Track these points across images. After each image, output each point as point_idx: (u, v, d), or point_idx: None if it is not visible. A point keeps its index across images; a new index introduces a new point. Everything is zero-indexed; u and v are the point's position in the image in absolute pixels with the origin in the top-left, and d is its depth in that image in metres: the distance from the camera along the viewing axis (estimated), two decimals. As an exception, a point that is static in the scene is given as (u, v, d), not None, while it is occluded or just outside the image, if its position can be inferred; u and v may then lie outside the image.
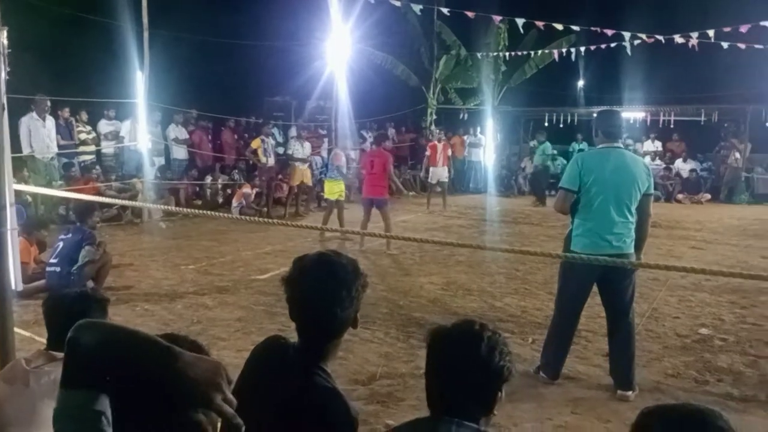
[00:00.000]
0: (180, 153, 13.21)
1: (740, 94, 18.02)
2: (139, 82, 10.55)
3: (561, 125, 19.37)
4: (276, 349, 1.66)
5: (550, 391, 4.07)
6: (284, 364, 1.57)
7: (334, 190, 10.06)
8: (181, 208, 9.12)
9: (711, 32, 12.64)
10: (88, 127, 12.17)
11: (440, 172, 13.65)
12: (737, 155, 16.64)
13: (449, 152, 15.06)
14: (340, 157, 10.37)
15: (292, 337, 1.73)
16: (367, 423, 3.46)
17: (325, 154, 15.64)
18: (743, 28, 12.21)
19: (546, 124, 19.61)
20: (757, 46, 12.83)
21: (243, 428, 0.96)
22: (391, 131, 19.42)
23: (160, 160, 12.56)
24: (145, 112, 10.79)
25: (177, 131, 13.12)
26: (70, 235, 6.22)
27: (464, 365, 1.50)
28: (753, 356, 4.78)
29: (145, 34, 10.43)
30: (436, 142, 14.01)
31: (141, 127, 10.97)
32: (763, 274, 6.27)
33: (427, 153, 14.10)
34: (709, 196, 16.97)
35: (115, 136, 12.33)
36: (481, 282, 7.06)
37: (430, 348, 1.58)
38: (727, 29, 12.44)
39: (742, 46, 12.91)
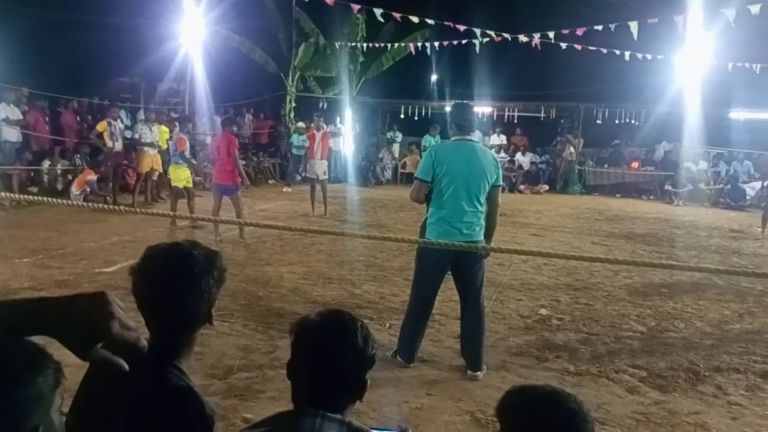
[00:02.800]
0: (12, 135, 11.95)
1: (575, 93, 19.70)
2: (-38, 55, 9.43)
3: (416, 118, 20.02)
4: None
5: (407, 374, 4.21)
6: (134, 363, 1.46)
7: (180, 176, 9.60)
8: (13, 194, 8.27)
9: (551, 33, 13.66)
10: None
11: (318, 166, 11.52)
12: (572, 149, 18.19)
13: (330, 143, 13.24)
14: (183, 142, 9.74)
15: (144, 333, 1.63)
16: (225, 418, 3.37)
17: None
18: (579, 31, 13.36)
19: (402, 116, 20.20)
20: (590, 47, 14.08)
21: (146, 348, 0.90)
22: (249, 117, 18.99)
23: (-12, 142, 11.34)
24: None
25: (8, 111, 11.86)
26: None
27: (340, 356, 1.47)
28: (586, 333, 5.26)
29: (-31, 2, 9.33)
30: (314, 131, 11.86)
31: (-36, 105, 9.81)
32: (593, 256, 6.94)
33: (306, 144, 12.36)
34: (547, 187, 18.41)
35: (-67, 115, 10.92)
36: (340, 270, 7.13)
37: (299, 340, 1.51)
38: (565, 31, 13.52)
39: (578, 47, 14.10)
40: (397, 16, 14.65)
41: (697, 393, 4.13)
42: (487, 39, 14.69)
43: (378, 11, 14.15)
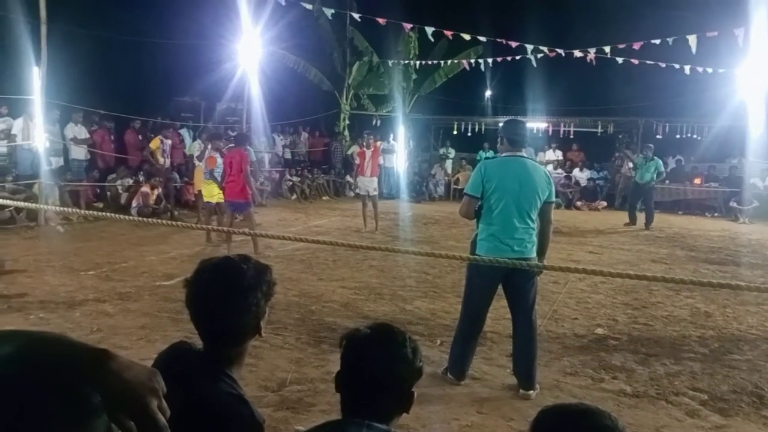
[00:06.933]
0: (79, 153, 12.58)
1: (633, 108, 19.26)
2: (36, 77, 9.98)
3: (469, 134, 20.00)
4: (180, 355, 1.62)
5: (457, 391, 4.17)
6: (188, 371, 1.52)
7: (212, 192, 9.75)
8: (80, 210, 8.65)
9: (607, 48, 13.44)
10: (-23, 125, 11.38)
11: (368, 183, 11.57)
12: (630, 165, 17.72)
13: (380, 160, 13.41)
14: (213, 161, 9.75)
15: (198, 343, 1.69)
16: (277, 430, 3.43)
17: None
18: (636, 45, 13.09)
19: (454, 132, 20.21)
20: (648, 62, 13.77)
21: None
22: (305, 135, 19.38)
23: (58, 161, 11.91)
24: (41, 110, 10.20)
25: (76, 130, 12.48)
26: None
27: (388, 366, 1.50)
28: (644, 354, 5.09)
29: (43, 28, 9.87)
30: (364, 149, 11.81)
31: (37, 125, 10.36)
32: (650, 275, 6.73)
33: (357, 161, 12.34)
34: (605, 203, 18.00)
35: (7, 135, 11.57)
36: (392, 286, 7.15)
37: (348, 351, 1.55)
38: (621, 45, 13.27)
39: (635, 61, 13.83)
40: (449, 34, 14.69)
41: (761, 417, 3.94)
42: (541, 54, 14.56)
43: (429, 30, 14.21)
